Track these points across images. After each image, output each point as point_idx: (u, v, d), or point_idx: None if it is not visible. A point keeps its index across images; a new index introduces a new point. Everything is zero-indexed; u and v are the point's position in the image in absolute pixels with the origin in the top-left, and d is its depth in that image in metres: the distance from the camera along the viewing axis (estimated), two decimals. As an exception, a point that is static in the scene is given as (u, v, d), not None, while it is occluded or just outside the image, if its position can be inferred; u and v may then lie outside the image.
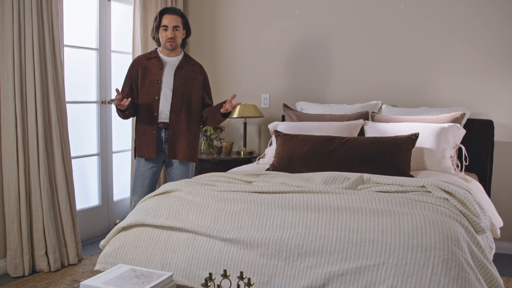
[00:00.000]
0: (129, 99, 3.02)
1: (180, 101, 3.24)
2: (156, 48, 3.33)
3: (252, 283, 1.65)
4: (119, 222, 4.25)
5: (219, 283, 1.71)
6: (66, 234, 3.38)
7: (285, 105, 4.05)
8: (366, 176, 2.49)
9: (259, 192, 2.33)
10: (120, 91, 3.20)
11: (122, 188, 4.40)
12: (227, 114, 3.25)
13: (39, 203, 3.20)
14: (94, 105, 4.04)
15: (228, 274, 1.70)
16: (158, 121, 3.23)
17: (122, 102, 3.00)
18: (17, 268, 3.15)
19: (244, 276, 1.67)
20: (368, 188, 2.38)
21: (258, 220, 2.10)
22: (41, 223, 3.22)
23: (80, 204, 3.81)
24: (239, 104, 3.16)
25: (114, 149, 4.25)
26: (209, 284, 1.65)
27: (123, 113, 3.16)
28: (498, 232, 2.70)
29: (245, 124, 4.38)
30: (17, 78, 3.08)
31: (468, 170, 3.48)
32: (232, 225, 2.10)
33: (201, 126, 3.59)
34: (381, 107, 3.83)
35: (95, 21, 3.98)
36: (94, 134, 4.07)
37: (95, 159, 4.09)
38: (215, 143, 4.47)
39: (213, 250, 2.05)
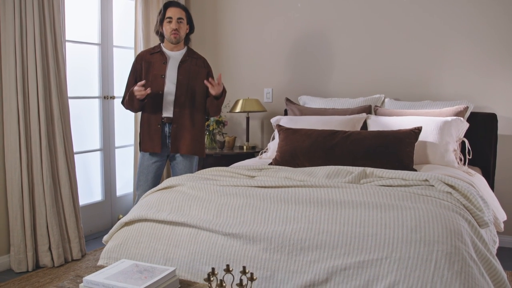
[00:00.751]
0: (149, 88, 3.07)
1: (184, 96, 3.25)
2: (160, 43, 3.35)
3: (254, 277, 1.65)
4: (122, 217, 4.26)
5: (221, 278, 1.71)
6: (70, 230, 3.39)
7: (287, 99, 4.03)
8: (369, 170, 2.48)
9: (262, 187, 2.33)
10: (127, 86, 3.27)
11: (125, 183, 4.41)
12: (220, 96, 3.27)
13: (42, 199, 3.21)
14: (97, 100, 4.03)
15: (231, 269, 1.69)
16: (162, 115, 3.24)
17: (145, 91, 3.04)
18: (20, 263, 3.16)
19: (247, 271, 1.66)
20: (371, 182, 2.37)
21: (261, 215, 2.09)
22: (44, 219, 3.23)
23: (83, 200, 3.82)
24: (220, 75, 3.20)
25: (116, 144, 4.25)
26: (212, 279, 1.65)
27: (140, 103, 3.16)
28: (502, 225, 2.69)
29: (247, 118, 4.38)
30: (19, 74, 3.08)
31: (471, 163, 3.47)
32: (235, 219, 2.10)
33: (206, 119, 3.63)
34: (383, 100, 3.81)
35: (96, 16, 3.97)
36: (97, 129, 4.07)
37: (97, 154, 4.09)
38: (218, 137, 4.47)
39: (216, 245, 2.05)
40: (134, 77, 3.29)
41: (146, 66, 3.25)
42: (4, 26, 3.03)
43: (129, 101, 3.19)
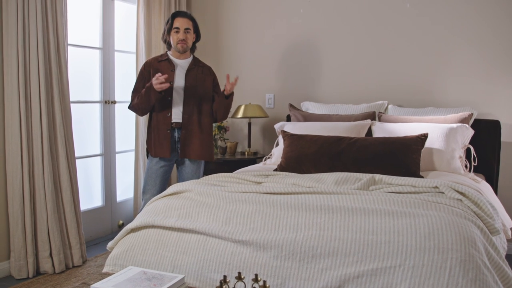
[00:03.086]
0: (168, 84, 3.10)
1: (192, 102, 3.30)
2: (167, 51, 3.41)
3: (267, 285, 1.62)
4: (123, 223, 4.23)
5: (233, 286, 1.68)
6: (71, 236, 3.35)
7: (291, 105, 4.01)
8: (377, 176, 2.46)
9: (270, 193, 2.30)
10: (134, 91, 3.29)
11: (125, 189, 4.37)
12: (230, 96, 3.32)
13: (43, 204, 3.17)
14: (98, 105, 4.00)
15: (242, 277, 1.66)
16: (172, 121, 3.28)
17: (165, 84, 3.06)
18: (21, 270, 3.11)
19: (259, 279, 1.63)
20: (380, 189, 2.35)
21: (271, 222, 2.06)
22: (45, 225, 3.18)
23: (83, 205, 3.77)
24: (237, 77, 3.25)
25: (117, 149, 4.21)
26: (224, 286, 1.62)
27: (157, 97, 3.15)
28: (509, 232, 2.67)
29: (249, 124, 4.35)
30: (22, 78, 3.04)
31: (475, 170, 3.46)
32: (244, 226, 2.07)
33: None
34: (387, 107, 3.80)
35: (98, 20, 3.95)
36: (97, 134, 4.03)
37: (98, 160, 4.05)
38: (220, 143, 4.44)
39: (225, 252, 2.02)
40: (143, 82, 3.32)
41: (154, 73, 3.28)
42: (7, 30, 3.00)
43: (145, 98, 3.16)
